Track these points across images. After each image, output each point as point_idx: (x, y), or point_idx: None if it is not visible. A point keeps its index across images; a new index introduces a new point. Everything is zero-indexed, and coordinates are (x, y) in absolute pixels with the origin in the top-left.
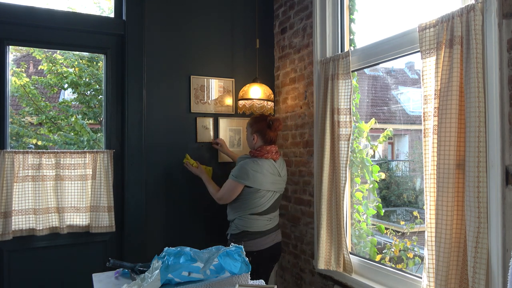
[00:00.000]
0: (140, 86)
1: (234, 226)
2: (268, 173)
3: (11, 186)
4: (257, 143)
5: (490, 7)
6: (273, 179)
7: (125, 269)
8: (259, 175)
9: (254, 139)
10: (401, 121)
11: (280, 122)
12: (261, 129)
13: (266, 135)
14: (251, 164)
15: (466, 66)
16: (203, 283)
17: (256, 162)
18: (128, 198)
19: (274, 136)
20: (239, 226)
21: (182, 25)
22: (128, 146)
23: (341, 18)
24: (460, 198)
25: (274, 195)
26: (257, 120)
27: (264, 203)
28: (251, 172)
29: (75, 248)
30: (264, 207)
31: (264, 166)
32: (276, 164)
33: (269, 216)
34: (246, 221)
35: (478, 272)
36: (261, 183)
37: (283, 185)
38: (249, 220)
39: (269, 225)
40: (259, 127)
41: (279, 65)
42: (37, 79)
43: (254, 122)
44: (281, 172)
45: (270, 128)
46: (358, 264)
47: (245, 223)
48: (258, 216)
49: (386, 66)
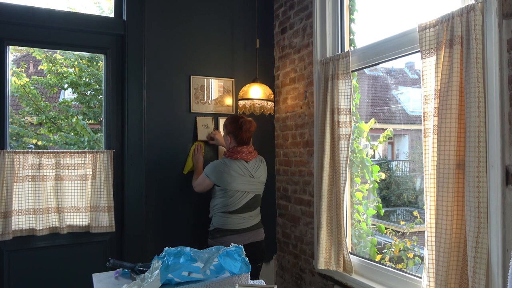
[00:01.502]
0: (140, 86)
1: (211, 223)
2: (237, 173)
3: (11, 186)
4: (231, 144)
5: (490, 7)
6: (242, 179)
7: (125, 269)
8: (225, 175)
9: (229, 140)
10: (401, 121)
11: (251, 124)
12: (234, 131)
13: (238, 136)
14: (220, 165)
15: (466, 66)
16: (203, 283)
17: (224, 162)
18: (128, 198)
19: (246, 137)
20: (213, 223)
21: (182, 25)
22: (128, 146)
23: (341, 18)
24: (460, 198)
25: (245, 195)
26: (230, 122)
27: (235, 202)
28: (217, 172)
29: (75, 248)
30: (235, 206)
31: (232, 167)
32: (248, 165)
33: (243, 215)
34: (219, 218)
35: (478, 272)
36: (228, 183)
37: (259, 186)
38: (221, 217)
39: (243, 224)
40: (232, 129)
41: (279, 65)
42: (37, 79)
43: (228, 124)
44: (255, 172)
45: (241, 130)
46: (358, 264)
47: (218, 221)
48: (230, 215)
49: (386, 66)
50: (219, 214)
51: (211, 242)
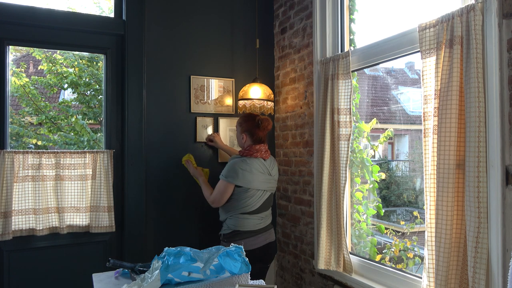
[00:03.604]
0: (140, 86)
1: (225, 226)
2: (258, 172)
3: (11, 186)
4: (246, 142)
5: (490, 7)
6: (263, 178)
7: (125, 269)
8: (248, 174)
9: (244, 138)
10: (401, 121)
11: (269, 122)
12: (250, 129)
13: (255, 135)
14: (240, 163)
15: (466, 66)
16: (203, 283)
17: (245, 161)
18: (128, 198)
19: (263, 135)
20: (230, 226)
21: (182, 25)
22: (128, 146)
23: (341, 18)
24: (460, 198)
25: (264, 194)
26: (246, 119)
27: (254, 202)
28: (240, 171)
29: (75, 248)
30: (254, 206)
31: (254, 165)
32: (266, 163)
33: (260, 215)
34: (237, 220)
35: (478, 272)
36: (251, 182)
37: (274, 184)
38: (240, 219)
39: (261, 224)
40: (248, 127)
41: (279, 65)
42: (37, 79)
43: (243, 121)
44: (272, 171)
45: (259, 128)
46: (358, 264)
47: (236, 223)
48: (249, 215)
49: (386, 66)
50: (237, 216)
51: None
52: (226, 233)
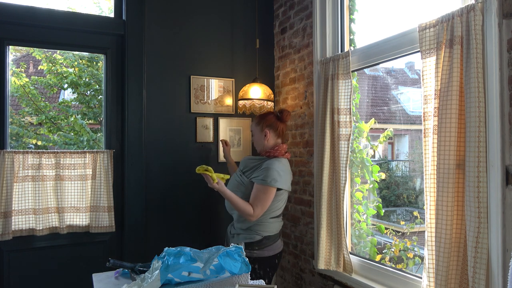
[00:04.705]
0: (140, 86)
1: (253, 233)
2: (290, 172)
3: (11, 186)
4: (270, 140)
5: (490, 7)
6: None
7: (125, 269)
8: (286, 175)
9: (267, 135)
10: (401, 121)
11: (288, 112)
12: (272, 122)
13: (278, 127)
14: (278, 164)
15: (466, 66)
16: (203, 283)
17: (280, 161)
18: (128, 198)
19: (284, 128)
20: (260, 232)
21: (182, 25)
22: (128, 146)
23: (341, 18)
24: (460, 198)
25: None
26: (263, 116)
27: (282, 204)
28: (281, 173)
29: (75, 248)
30: (281, 208)
31: (287, 165)
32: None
33: (281, 217)
34: (267, 225)
35: (478, 272)
36: (287, 184)
37: None
38: (269, 224)
39: (281, 225)
40: (269, 121)
41: (279, 65)
42: (37, 79)
43: (261, 118)
44: None
45: (280, 120)
46: (358, 264)
47: (266, 228)
48: (277, 219)
49: (386, 66)
50: (268, 221)
51: (258, 253)
52: (256, 240)
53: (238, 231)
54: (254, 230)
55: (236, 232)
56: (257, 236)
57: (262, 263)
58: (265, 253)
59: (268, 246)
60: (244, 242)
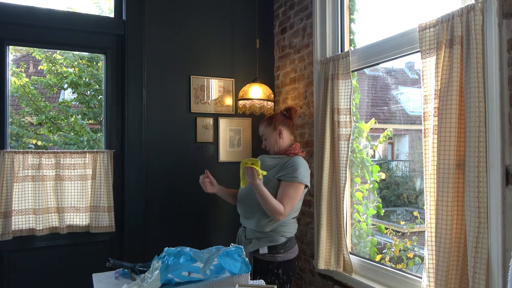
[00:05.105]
0: (140, 86)
1: (277, 235)
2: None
3: (11, 186)
4: (285, 139)
5: (490, 7)
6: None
7: (125, 269)
8: (308, 174)
9: (281, 133)
10: (401, 121)
11: (295, 109)
12: (282, 120)
13: (289, 125)
14: (302, 161)
15: (466, 66)
16: (203, 283)
17: (302, 159)
18: (128, 198)
19: (293, 124)
20: (284, 234)
21: (182, 25)
22: (128, 146)
23: (341, 18)
24: (460, 198)
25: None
26: (273, 116)
27: (300, 203)
28: (307, 171)
29: (75, 248)
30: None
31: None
32: None
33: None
34: (291, 226)
35: (478, 272)
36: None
37: None
38: (292, 224)
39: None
40: (280, 119)
41: (279, 65)
42: (37, 79)
43: (271, 119)
44: None
45: (289, 117)
46: (358, 264)
47: (290, 229)
48: (295, 219)
49: (386, 66)
50: (291, 222)
51: (283, 256)
52: (281, 242)
53: (258, 235)
54: (279, 232)
55: (255, 237)
56: (281, 238)
57: (286, 266)
58: (290, 255)
59: (292, 247)
60: (263, 246)
